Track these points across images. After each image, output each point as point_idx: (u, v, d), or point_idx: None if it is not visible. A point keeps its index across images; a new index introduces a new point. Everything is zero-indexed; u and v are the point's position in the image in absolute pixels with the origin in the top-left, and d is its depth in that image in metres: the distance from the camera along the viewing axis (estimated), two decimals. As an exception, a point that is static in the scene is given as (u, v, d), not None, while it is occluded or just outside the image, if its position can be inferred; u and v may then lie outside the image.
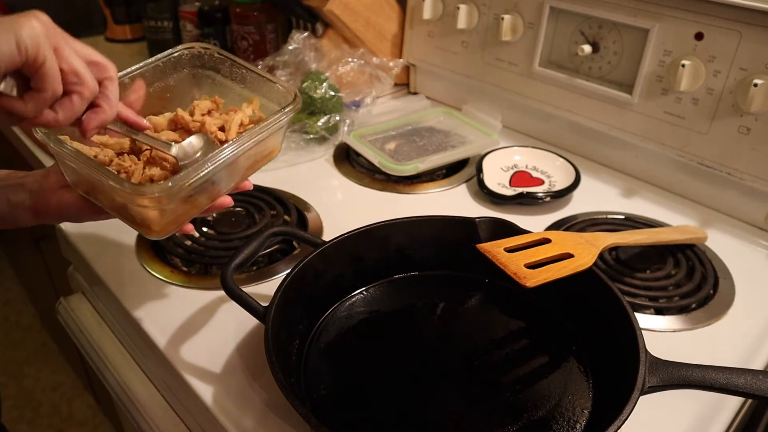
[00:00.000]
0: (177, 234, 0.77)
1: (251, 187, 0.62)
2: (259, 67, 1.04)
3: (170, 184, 0.49)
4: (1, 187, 0.59)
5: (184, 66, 0.62)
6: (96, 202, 0.56)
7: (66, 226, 0.79)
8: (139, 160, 0.55)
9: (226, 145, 0.53)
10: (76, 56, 0.46)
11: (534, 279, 0.55)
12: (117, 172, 0.53)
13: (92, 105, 0.49)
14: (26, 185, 0.58)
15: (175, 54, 0.61)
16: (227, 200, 0.60)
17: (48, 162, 0.93)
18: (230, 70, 0.62)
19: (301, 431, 0.53)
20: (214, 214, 0.81)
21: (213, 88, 0.63)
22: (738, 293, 0.70)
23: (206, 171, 0.51)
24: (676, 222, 0.82)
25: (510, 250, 0.58)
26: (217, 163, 0.52)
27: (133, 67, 0.59)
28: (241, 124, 0.59)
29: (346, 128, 0.99)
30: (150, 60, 0.60)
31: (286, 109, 0.57)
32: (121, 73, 0.57)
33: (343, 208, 0.85)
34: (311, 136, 0.98)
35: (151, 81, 0.60)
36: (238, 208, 0.82)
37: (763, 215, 0.80)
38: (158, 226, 0.54)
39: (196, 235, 0.77)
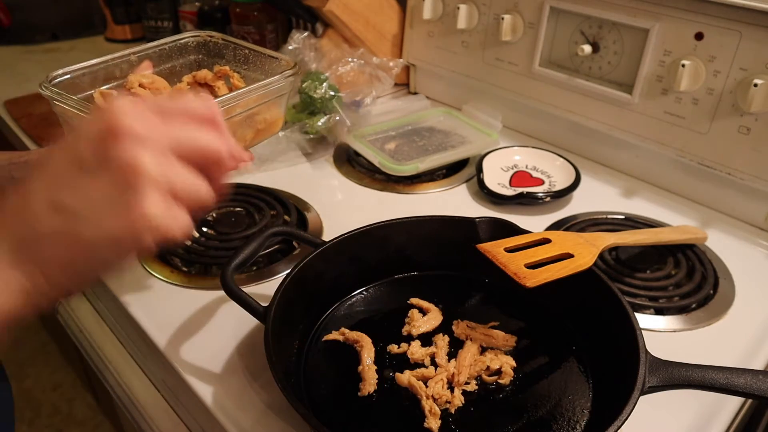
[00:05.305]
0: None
1: (252, 159, 0.63)
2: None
3: None
4: (4, 164, 0.58)
5: (190, 53, 0.65)
6: None
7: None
8: None
9: (228, 94, 0.55)
10: (186, 175, 0.35)
11: (534, 279, 0.55)
12: None
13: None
14: (30, 162, 0.58)
15: (182, 40, 0.64)
16: None
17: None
18: (234, 53, 0.64)
19: (300, 431, 0.53)
20: (214, 214, 0.81)
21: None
22: (738, 293, 0.70)
23: None
24: (676, 222, 0.82)
25: (510, 250, 0.58)
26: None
27: (141, 47, 0.61)
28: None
29: (346, 128, 0.99)
30: (157, 42, 0.62)
31: (285, 73, 0.59)
32: (128, 51, 0.60)
33: (343, 208, 0.85)
34: (311, 136, 0.98)
35: (158, 63, 0.62)
36: (238, 208, 0.82)
37: (763, 215, 0.80)
38: None
39: (196, 234, 0.77)
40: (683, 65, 0.77)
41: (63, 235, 0.31)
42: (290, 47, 1.06)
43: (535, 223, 0.81)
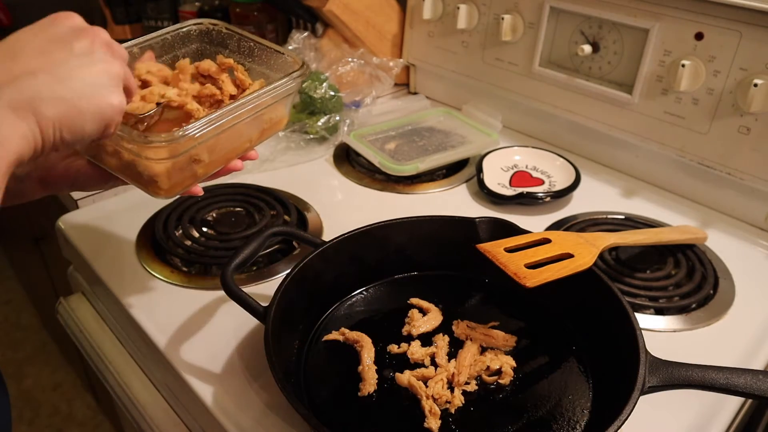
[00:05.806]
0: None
1: (257, 157, 0.63)
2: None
3: (179, 133, 0.49)
4: None
5: (193, 41, 0.63)
6: (103, 166, 0.55)
7: (65, 225, 0.79)
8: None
9: (236, 101, 0.54)
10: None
11: (534, 279, 0.55)
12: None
13: None
14: None
15: (184, 29, 0.62)
16: (238, 164, 0.60)
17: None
18: (238, 44, 0.63)
19: (300, 431, 0.53)
20: (214, 214, 0.81)
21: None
22: (738, 293, 0.70)
23: (217, 123, 0.52)
24: (676, 222, 0.82)
25: (510, 250, 0.58)
26: (227, 117, 0.53)
27: (142, 38, 0.60)
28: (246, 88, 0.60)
29: (346, 128, 0.99)
30: (158, 32, 0.61)
31: (294, 74, 0.58)
32: (130, 43, 0.58)
33: (343, 208, 0.85)
34: (311, 136, 0.98)
35: (160, 54, 0.61)
36: (238, 209, 0.82)
37: (763, 215, 0.80)
38: (166, 184, 0.54)
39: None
40: (683, 65, 0.77)
41: (65, 102, 0.40)
42: (290, 47, 1.06)
43: (535, 223, 0.81)
